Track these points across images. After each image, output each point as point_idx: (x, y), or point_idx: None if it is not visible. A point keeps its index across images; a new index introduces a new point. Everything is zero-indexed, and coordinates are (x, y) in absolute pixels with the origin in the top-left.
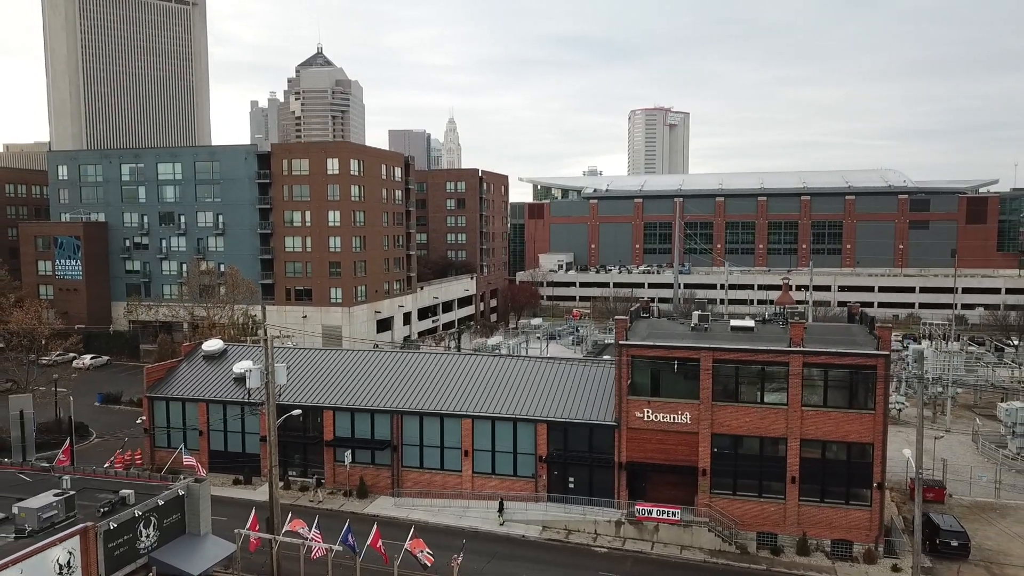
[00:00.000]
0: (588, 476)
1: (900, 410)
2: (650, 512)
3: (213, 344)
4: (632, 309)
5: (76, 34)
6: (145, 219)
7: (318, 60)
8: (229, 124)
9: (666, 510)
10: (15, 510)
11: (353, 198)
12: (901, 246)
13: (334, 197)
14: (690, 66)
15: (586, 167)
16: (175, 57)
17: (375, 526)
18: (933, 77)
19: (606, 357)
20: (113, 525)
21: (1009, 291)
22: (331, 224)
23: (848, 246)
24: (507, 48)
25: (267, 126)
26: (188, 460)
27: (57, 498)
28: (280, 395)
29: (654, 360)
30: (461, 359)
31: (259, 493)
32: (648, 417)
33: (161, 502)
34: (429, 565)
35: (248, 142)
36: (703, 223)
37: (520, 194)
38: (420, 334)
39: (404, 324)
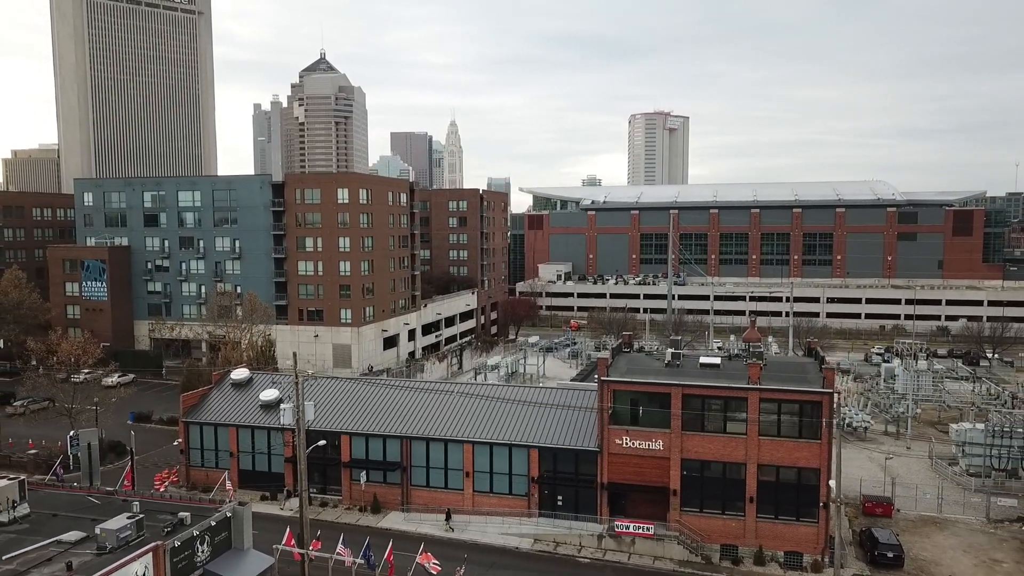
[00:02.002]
0: (574, 495)
1: (867, 428)
2: (628, 527)
3: (240, 373)
4: (613, 346)
5: (84, 43)
6: (166, 243)
7: (321, 66)
8: (231, 126)
9: (642, 525)
10: (98, 531)
11: (362, 225)
12: (889, 257)
13: (344, 224)
14: (690, 65)
15: (586, 173)
16: (181, 65)
17: (390, 541)
18: (934, 76)
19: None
20: (177, 543)
21: (991, 303)
22: (341, 250)
23: (838, 257)
24: (506, 47)
25: (270, 129)
26: (228, 487)
27: (130, 520)
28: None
29: (631, 394)
30: (462, 395)
31: (284, 509)
32: (626, 444)
33: (213, 522)
34: (436, 574)
35: (251, 145)
36: (698, 234)
37: (521, 196)
38: (424, 349)
39: (409, 340)
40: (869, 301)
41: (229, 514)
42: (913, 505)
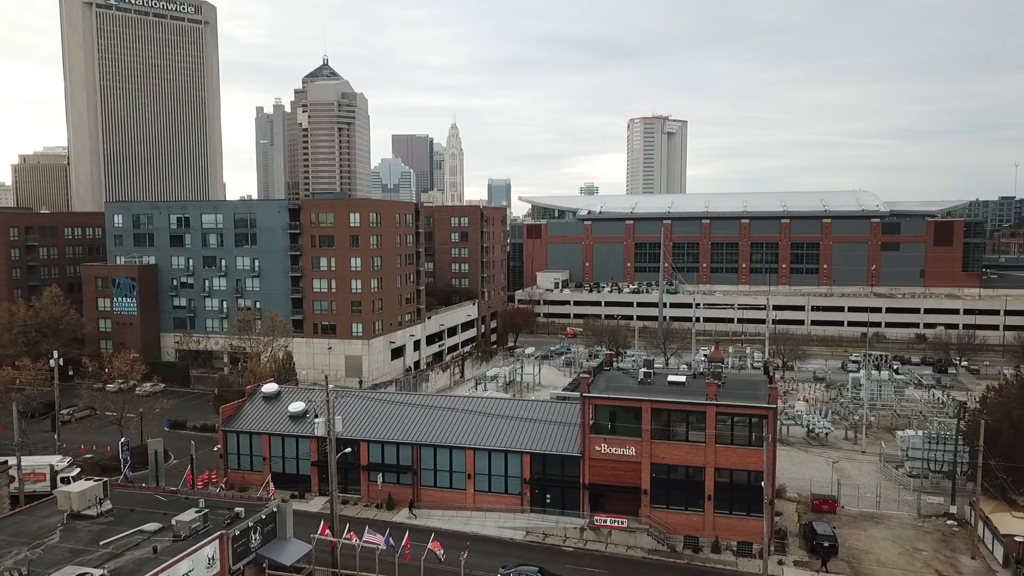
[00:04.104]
0: (560, 494)
1: (827, 433)
2: (605, 521)
3: (270, 387)
4: (594, 366)
5: (93, 53)
6: (190, 262)
7: (324, 71)
8: (230, 127)
9: (617, 519)
10: (173, 522)
11: (372, 246)
12: (873, 266)
13: (355, 246)
14: (689, 66)
15: (586, 173)
16: (187, 73)
17: (406, 532)
18: (934, 77)
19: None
20: (236, 532)
21: (966, 311)
22: (353, 269)
23: (825, 266)
24: (505, 48)
25: (272, 132)
26: (270, 489)
27: (198, 514)
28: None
29: (609, 408)
30: (463, 407)
31: (311, 505)
32: (605, 451)
33: (263, 516)
34: (443, 560)
35: (249, 145)
36: (690, 243)
37: (521, 200)
38: (430, 358)
39: (414, 350)
40: (851, 309)
41: (275, 509)
42: (856, 502)
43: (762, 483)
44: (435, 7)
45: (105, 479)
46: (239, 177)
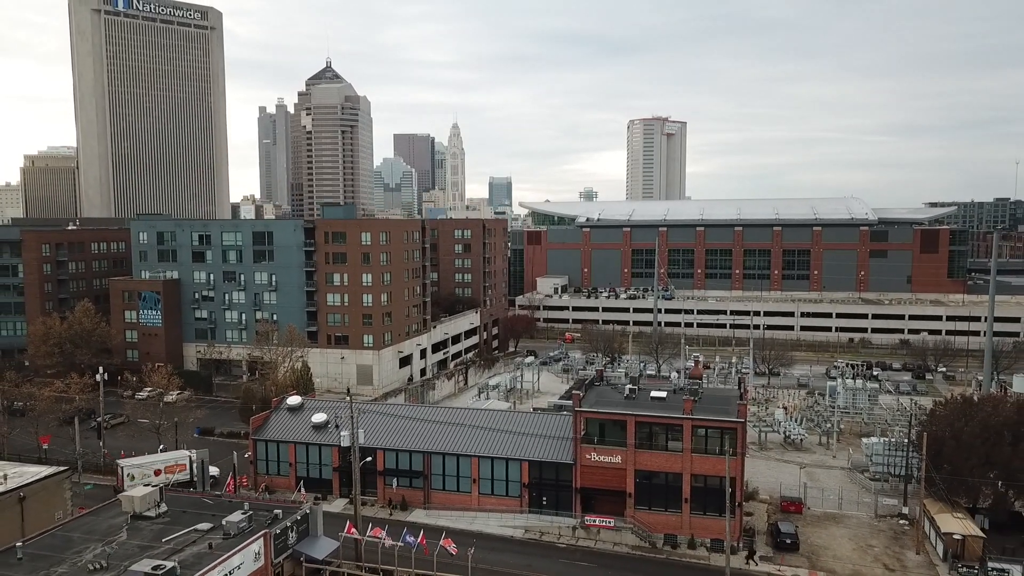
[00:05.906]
0: (555, 496)
1: (802, 439)
2: (595, 521)
3: (294, 399)
4: (586, 382)
5: (102, 59)
6: (211, 277)
7: (327, 74)
8: (232, 124)
9: (605, 519)
10: (223, 522)
11: (382, 263)
12: (862, 273)
13: (367, 262)
14: (689, 62)
15: (584, 177)
16: (193, 78)
17: (421, 530)
18: (933, 73)
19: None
20: (277, 531)
21: (949, 318)
22: (364, 284)
23: (815, 272)
24: (504, 45)
25: (275, 132)
26: (302, 494)
27: (244, 515)
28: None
29: (598, 420)
30: (470, 421)
31: (333, 507)
32: (594, 458)
33: (298, 517)
34: (454, 554)
35: (256, 147)
36: (685, 250)
37: (522, 199)
38: (436, 364)
39: (421, 359)
40: (839, 315)
41: (308, 511)
42: (821, 504)
43: (731, 488)
44: (432, 3)
45: (160, 485)
46: (240, 174)
